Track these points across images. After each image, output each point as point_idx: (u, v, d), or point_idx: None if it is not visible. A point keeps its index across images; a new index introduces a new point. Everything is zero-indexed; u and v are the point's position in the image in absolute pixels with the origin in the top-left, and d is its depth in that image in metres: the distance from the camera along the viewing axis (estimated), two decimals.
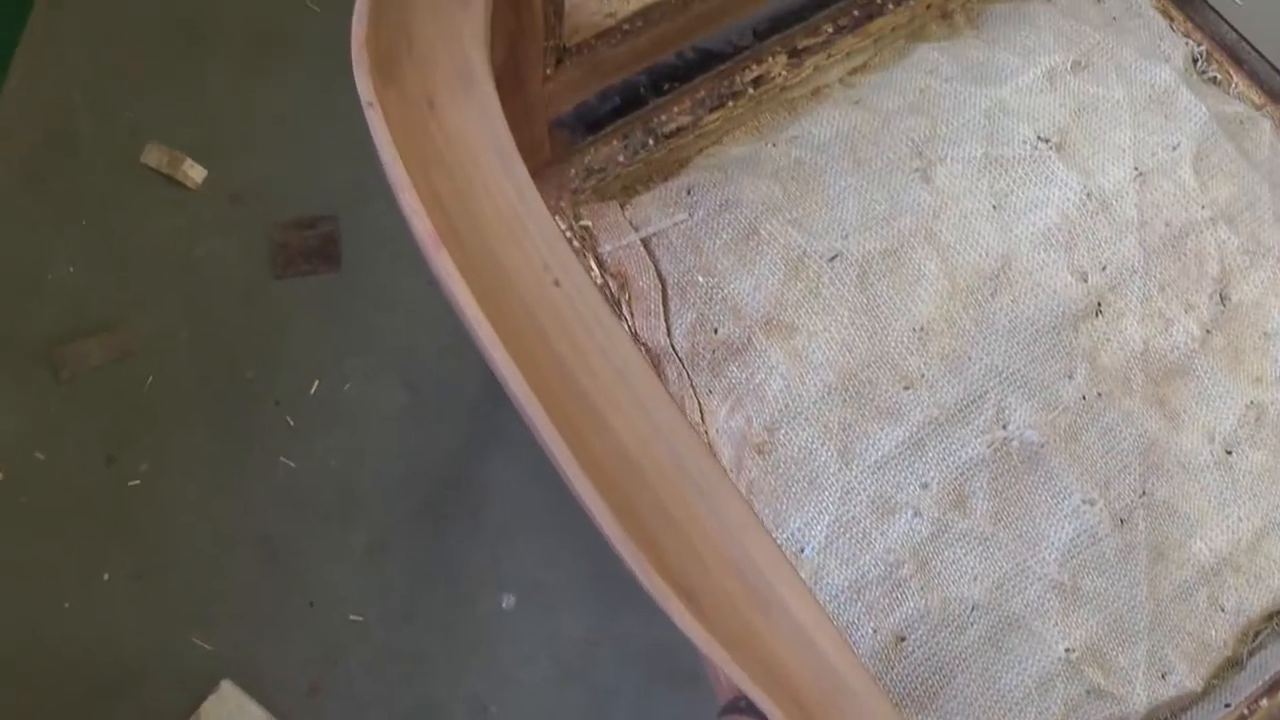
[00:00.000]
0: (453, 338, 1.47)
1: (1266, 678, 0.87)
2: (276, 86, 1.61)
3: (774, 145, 0.96)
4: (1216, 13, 1.06)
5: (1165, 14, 1.06)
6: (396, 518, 1.41)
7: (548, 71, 0.83)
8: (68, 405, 1.44)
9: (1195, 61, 1.04)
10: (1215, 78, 1.04)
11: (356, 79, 0.57)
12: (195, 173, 1.55)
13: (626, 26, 0.85)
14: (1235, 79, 1.04)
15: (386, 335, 1.49)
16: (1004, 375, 0.89)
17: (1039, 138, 0.96)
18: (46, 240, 1.52)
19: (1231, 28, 1.06)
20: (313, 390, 1.46)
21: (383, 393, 1.46)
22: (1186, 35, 1.05)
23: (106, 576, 1.37)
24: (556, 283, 0.57)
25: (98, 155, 1.57)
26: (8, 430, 1.43)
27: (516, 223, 0.59)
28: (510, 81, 0.78)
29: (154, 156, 1.56)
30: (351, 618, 1.37)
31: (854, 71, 1.02)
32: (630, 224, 0.93)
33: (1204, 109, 1.00)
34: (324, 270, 1.52)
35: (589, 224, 0.92)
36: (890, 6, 1.03)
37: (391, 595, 1.38)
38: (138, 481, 1.42)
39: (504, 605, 1.38)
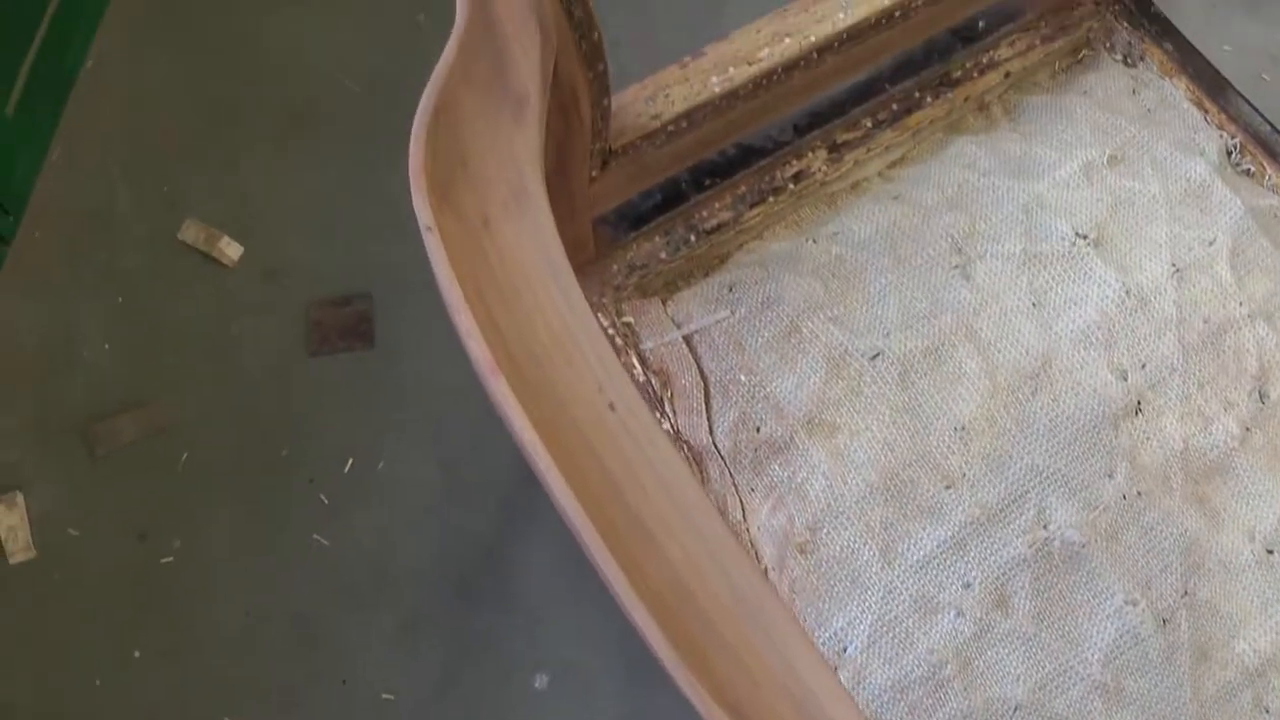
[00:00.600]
0: (486, 416, 1.48)
1: None
2: (313, 164, 1.63)
3: (814, 242, 0.96)
4: (1250, 105, 1.07)
5: (1199, 105, 1.06)
6: (429, 596, 1.41)
7: (594, 173, 0.84)
8: (102, 482, 1.45)
9: (1229, 154, 1.05)
10: (1249, 170, 1.05)
11: (415, 203, 0.58)
12: (232, 250, 1.56)
13: (671, 128, 0.86)
14: (1269, 171, 1.05)
15: (420, 413, 1.49)
16: (1045, 474, 0.89)
17: (1077, 234, 0.97)
18: (83, 316, 1.53)
19: (1265, 119, 1.06)
20: (347, 468, 1.47)
21: (416, 470, 1.47)
22: (1220, 127, 1.05)
23: (138, 654, 1.38)
24: (611, 406, 0.57)
25: (135, 231, 1.58)
26: (42, 507, 1.43)
27: (569, 340, 0.59)
28: (557, 183, 0.79)
29: (191, 233, 1.57)
30: (384, 696, 1.37)
31: (893, 165, 1.03)
32: (672, 321, 0.93)
33: (1239, 203, 1.00)
34: (358, 347, 1.53)
35: (631, 320, 0.93)
36: (928, 100, 1.04)
37: (424, 674, 1.38)
38: (170, 558, 1.43)
39: (537, 685, 1.38)
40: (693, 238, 0.96)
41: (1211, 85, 1.07)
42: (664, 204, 0.96)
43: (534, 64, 0.63)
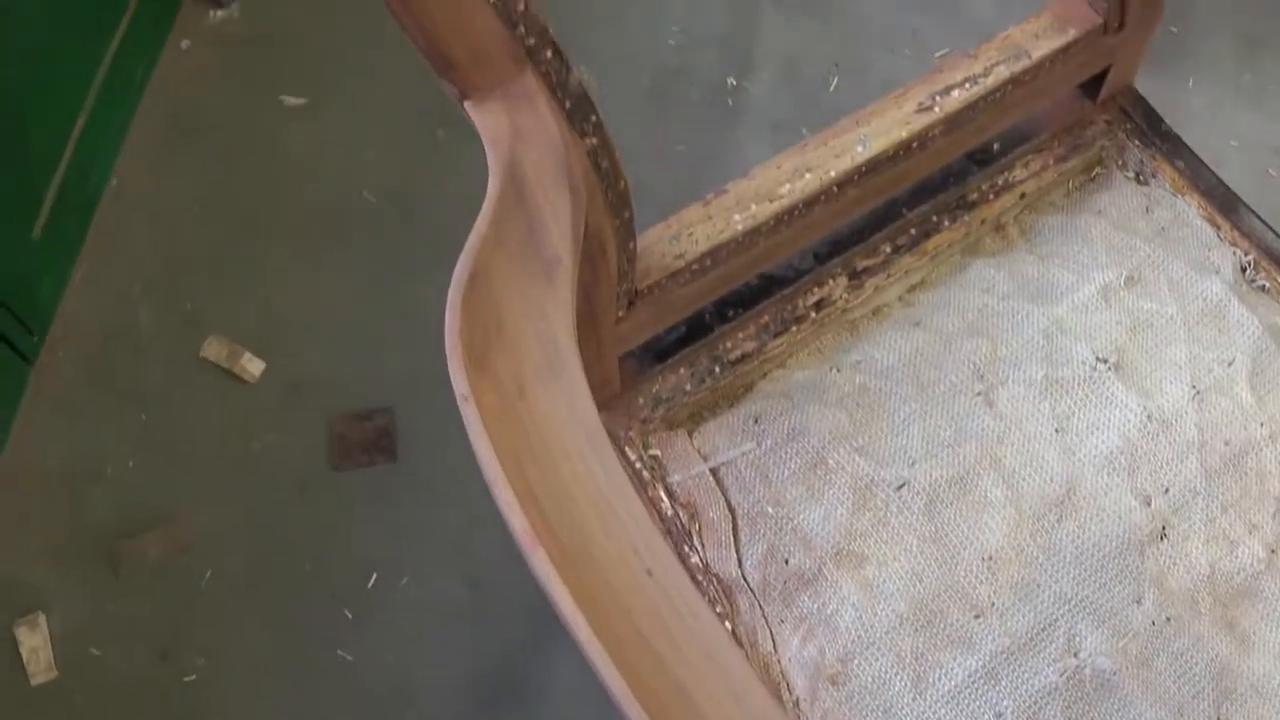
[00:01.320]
0: (510, 532, 1.48)
1: None
2: (333, 277, 1.65)
3: (838, 370, 0.97)
4: (1262, 221, 1.08)
5: (1212, 222, 1.08)
6: (455, 711, 1.41)
7: (620, 314, 0.85)
8: (125, 601, 1.46)
9: (1244, 270, 1.06)
10: (1265, 286, 1.06)
11: (452, 373, 0.59)
12: (254, 366, 1.58)
13: (695, 266, 0.88)
14: None
15: (444, 528, 1.50)
16: (1073, 602, 0.89)
17: (1097, 358, 0.98)
18: (107, 434, 1.55)
19: (1277, 235, 1.08)
20: (370, 583, 1.47)
21: (441, 586, 1.47)
22: (1234, 244, 1.07)
23: None
24: (649, 572, 0.58)
25: (158, 349, 1.60)
26: (65, 627, 1.44)
27: (605, 507, 0.60)
28: (584, 324, 0.80)
29: (213, 350, 1.59)
30: None
31: (912, 289, 1.04)
32: (699, 453, 0.94)
33: (1256, 322, 1.01)
34: (381, 461, 1.54)
35: (658, 453, 0.94)
36: (946, 224, 1.05)
37: None
38: (193, 676, 1.43)
39: None
40: (717, 369, 0.97)
41: (1224, 202, 1.08)
42: (688, 336, 0.97)
43: (565, 226, 0.64)
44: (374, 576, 1.48)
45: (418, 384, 1.57)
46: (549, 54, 0.66)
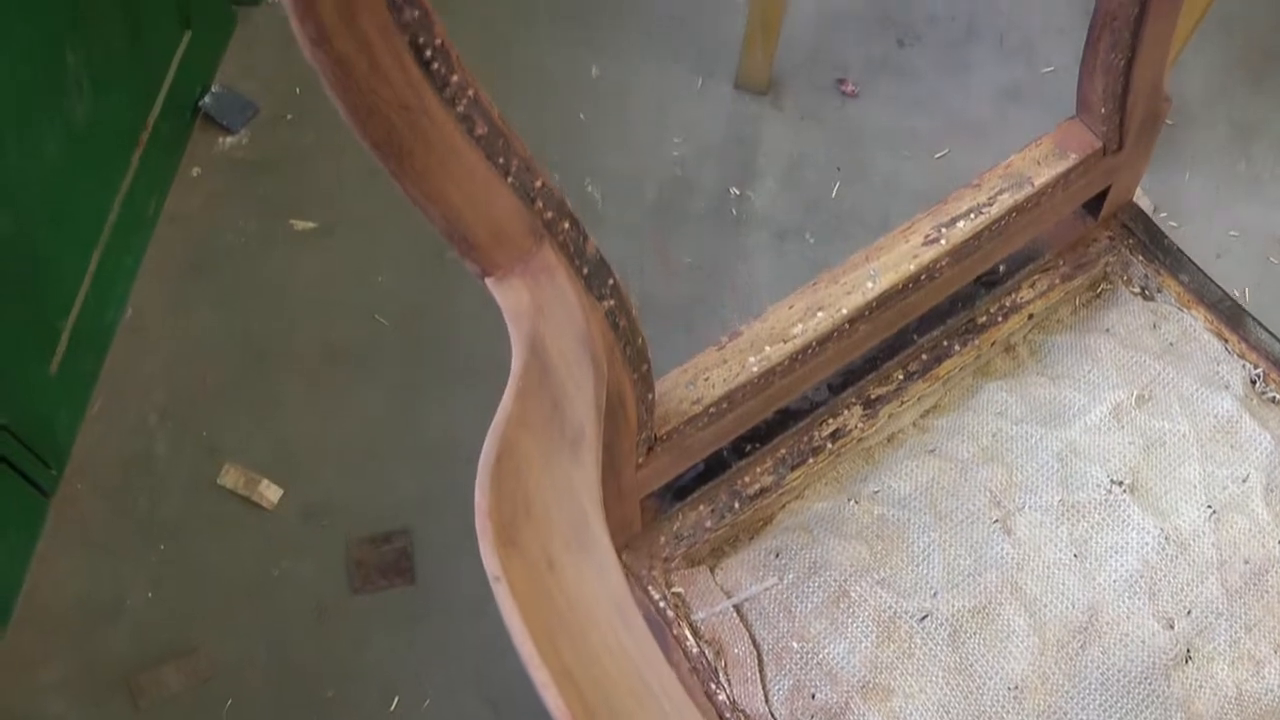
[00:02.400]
0: None
1: None
2: (348, 401, 1.66)
3: (856, 502, 0.98)
4: (1269, 332, 1.09)
5: (1219, 335, 1.09)
6: None
7: (640, 460, 0.86)
8: None
9: (1254, 383, 1.07)
10: (1275, 398, 1.07)
11: (483, 552, 0.60)
12: (271, 493, 1.59)
13: (713, 410, 0.89)
14: None
15: (465, 648, 1.50)
16: None
17: (1112, 481, 0.98)
18: (125, 566, 1.55)
19: None
20: (393, 706, 1.47)
21: (463, 707, 1.47)
22: (1242, 356, 1.08)
23: None
24: None
25: (175, 479, 1.61)
26: None
27: (638, 680, 0.61)
28: (605, 474, 0.81)
29: (230, 478, 1.60)
30: None
31: (926, 414, 1.05)
32: (722, 589, 0.95)
33: (1268, 437, 1.02)
34: (400, 584, 1.54)
35: (681, 591, 0.94)
36: (956, 348, 1.06)
37: None
38: None
39: None
40: (737, 504, 0.98)
41: (1230, 315, 1.10)
42: (706, 473, 0.98)
43: (588, 399, 0.66)
44: (396, 699, 1.48)
45: (434, 506, 1.58)
46: (566, 225, 0.68)
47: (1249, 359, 1.08)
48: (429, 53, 0.55)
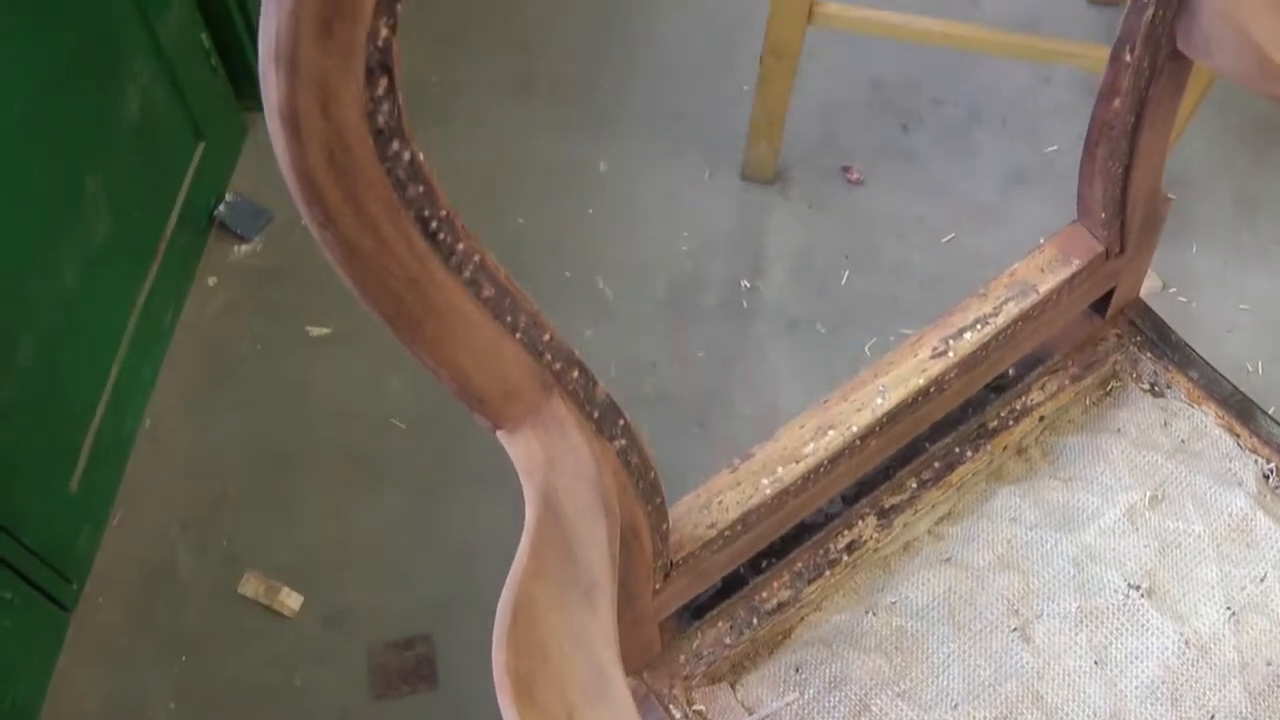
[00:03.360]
0: None
1: None
2: (367, 506, 1.67)
3: (874, 614, 0.98)
4: None
5: (1231, 431, 1.09)
6: None
7: (657, 586, 0.87)
8: None
9: (1267, 478, 1.07)
10: None
11: (502, 706, 0.61)
12: (292, 600, 1.59)
13: (728, 533, 0.89)
14: None
15: None
16: None
17: (1129, 585, 0.99)
18: (147, 678, 1.55)
19: None
20: None
21: None
22: (1254, 451, 1.08)
23: None
24: None
25: (196, 588, 1.62)
26: None
27: None
28: (622, 604, 0.82)
29: (251, 586, 1.61)
30: None
31: (940, 521, 1.06)
32: (743, 706, 0.95)
33: None
34: (423, 689, 1.54)
35: (703, 709, 0.95)
36: (968, 454, 1.07)
37: None
38: None
39: None
40: (755, 620, 0.98)
41: (1240, 410, 1.10)
42: (724, 590, 0.98)
43: (601, 548, 0.66)
44: None
45: (455, 609, 1.58)
46: (575, 373, 0.69)
47: (1261, 454, 1.08)
48: (434, 224, 0.56)
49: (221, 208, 1.88)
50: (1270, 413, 1.81)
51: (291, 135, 0.49)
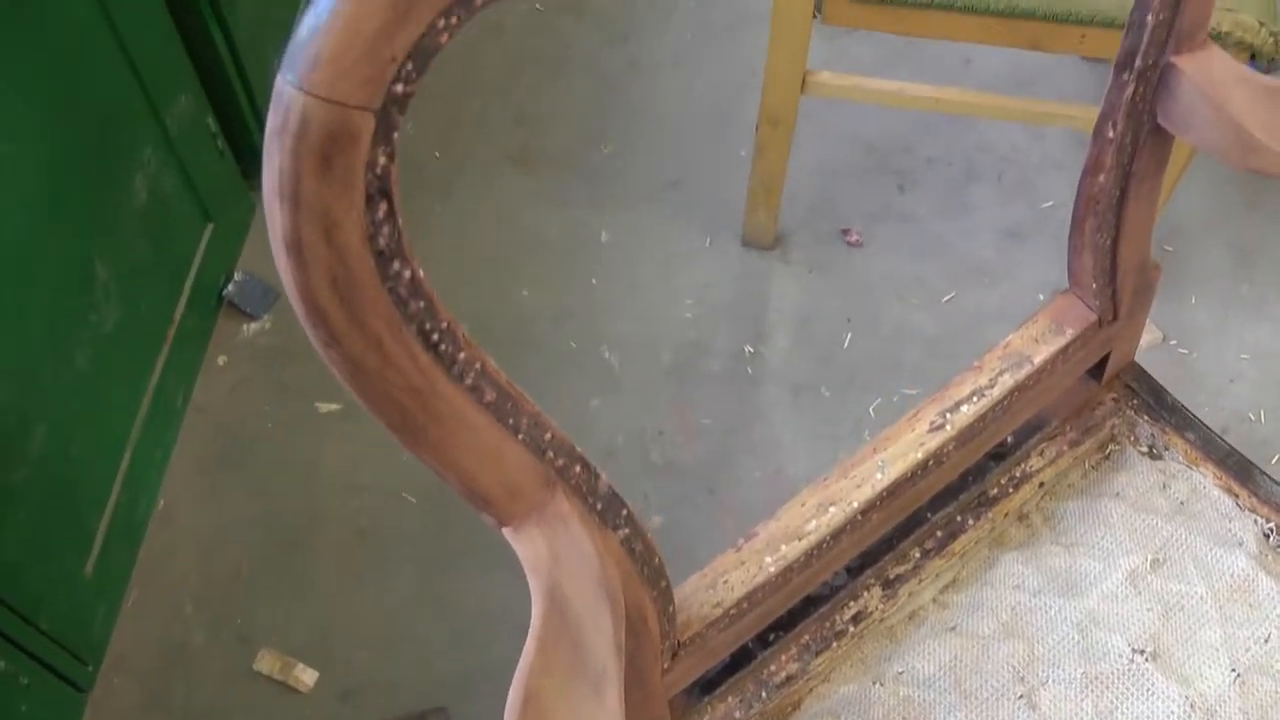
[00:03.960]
0: None
1: None
2: (381, 581, 1.68)
3: (881, 685, 1.00)
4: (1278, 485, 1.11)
5: (1229, 491, 1.10)
6: None
7: (665, 666, 0.88)
8: None
9: (1267, 537, 1.08)
10: None
11: None
12: (307, 676, 1.60)
13: (734, 611, 0.91)
14: None
15: None
16: None
17: (1133, 649, 1.00)
18: None
19: None
20: None
21: None
22: (1253, 510, 1.09)
23: None
24: None
25: (211, 667, 1.63)
26: None
27: None
28: (630, 687, 0.83)
29: (266, 663, 1.62)
30: None
31: (945, 589, 1.07)
32: None
33: None
34: None
35: None
36: (970, 522, 1.08)
37: None
38: None
39: None
40: (764, 694, 0.99)
41: (1239, 470, 1.11)
42: (733, 664, 1.00)
43: (607, 639, 0.68)
44: None
45: (470, 683, 1.59)
46: (578, 468, 0.70)
47: (1260, 513, 1.09)
48: (436, 336, 0.58)
49: (230, 287, 1.90)
50: (1274, 462, 1.83)
51: (297, 264, 0.51)
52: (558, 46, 2.23)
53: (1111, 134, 0.93)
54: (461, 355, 0.60)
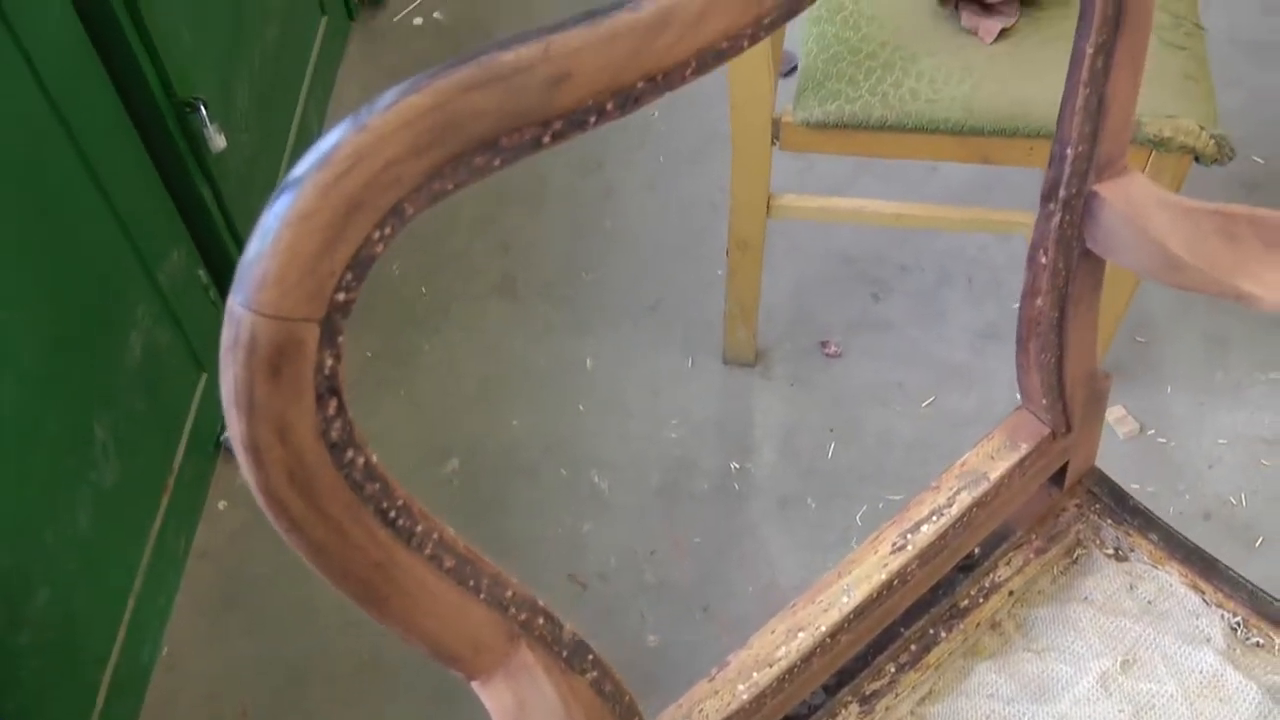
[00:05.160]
0: None
1: None
2: (384, 714, 1.71)
3: None
4: (1243, 579, 1.14)
5: (1195, 588, 1.14)
6: None
7: None
8: None
9: (1235, 630, 1.11)
10: (1259, 642, 1.11)
11: None
12: None
13: None
14: (1277, 640, 1.11)
15: None
16: None
17: None
18: None
19: (1262, 592, 1.13)
20: None
21: None
22: (1219, 606, 1.12)
23: None
24: None
25: None
26: None
27: None
28: None
29: None
30: None
31: (922, 702, 1.10)
32: None
33: (1255, 686, 1.06)
34: None
35: None
36: (942, 634, 1.12)
37: None
38: None
39: None
40: None
41: (1203, 567, 1.15)
42: None
43: None
44: None
45: None
46: (541, 620, 0.74)
47: (1226, 607, 1.12)
48: (393, 513, 0.63)
49: (227, 433, 1.95)
50: (1258, 545, 1.86)
51: (255, 464, 0.56)
52: (535, 180, 2.30)
53: (1044, 260, 0.98)
54: (419, 528, 0.64)
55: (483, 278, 2.17)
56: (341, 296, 0.55)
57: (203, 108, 1.73)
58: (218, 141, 1.79)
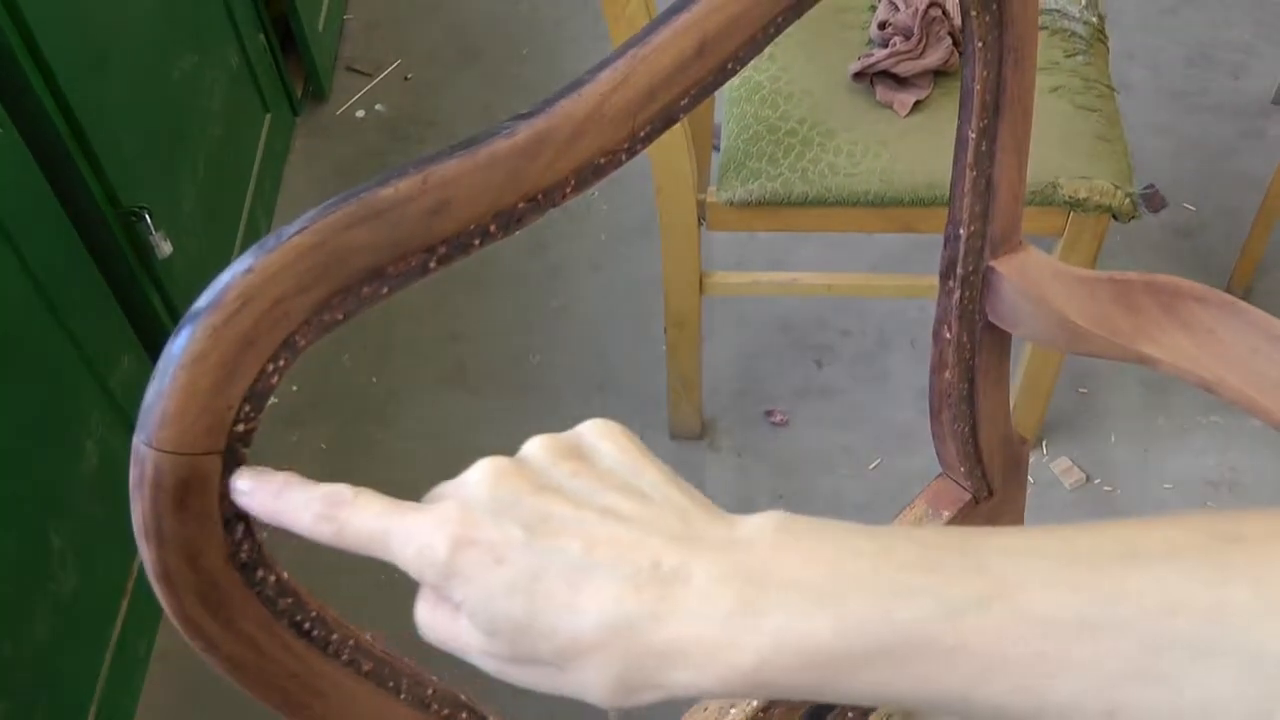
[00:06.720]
0: None
1: None
2: None
3: None
4: None
5: None
6: None
7: None
8: None
9: None
10: None
11: None
12: None
13: None
14: None
15: None
16: None
17: None
18: None
19: None
20: None
21: None
22: None
23: None
24: None
25: None
26: None
27: None
28: None
29: None
30: None
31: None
32: None
33: None
34: None
35: None
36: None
37: None
38: None
39: None
40: None
41: None
42: None
43: None
44: None
45: None
46: (464, 715, 0.77)
47: None
48: (307, 624, 0.66)
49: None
50: None
51: (168, 590, 0.59)
52: (481, 262, 2.34)
53: (949, 335, 1.03)
54: (334, 636, 0.67)
55: (432, 365, 2.20)
56: (241, 428, 0.58)
57: (147, 216, 1.77)
58: (164, 248, 1.82)
